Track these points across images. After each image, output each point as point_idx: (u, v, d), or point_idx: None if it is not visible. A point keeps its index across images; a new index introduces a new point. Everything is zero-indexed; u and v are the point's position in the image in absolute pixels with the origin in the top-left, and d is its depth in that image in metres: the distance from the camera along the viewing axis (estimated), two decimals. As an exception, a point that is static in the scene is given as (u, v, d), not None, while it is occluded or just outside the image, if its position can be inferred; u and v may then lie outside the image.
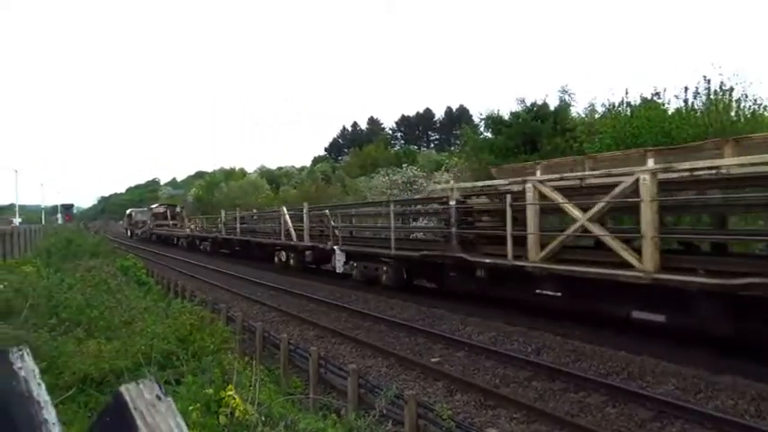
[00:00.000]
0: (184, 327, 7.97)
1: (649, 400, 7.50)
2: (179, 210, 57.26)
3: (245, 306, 16.50)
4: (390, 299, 16.10)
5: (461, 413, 7.54)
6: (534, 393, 8.25)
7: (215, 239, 36.08)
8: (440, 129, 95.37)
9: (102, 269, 15.71)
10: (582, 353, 9.89)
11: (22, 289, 11.32)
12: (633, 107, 22.58)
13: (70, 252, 23.57)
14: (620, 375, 8.67)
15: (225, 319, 12.26)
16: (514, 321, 12.33)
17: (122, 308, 10.11)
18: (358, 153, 65.05)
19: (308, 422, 5.80)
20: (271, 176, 69.75)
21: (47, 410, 0.84)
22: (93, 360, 6.73)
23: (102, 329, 8.79)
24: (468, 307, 13.95)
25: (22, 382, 0.87)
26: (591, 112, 28.60)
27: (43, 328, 8.48)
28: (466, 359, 10.18)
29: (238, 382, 6.16)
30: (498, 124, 28.96)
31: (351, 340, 11.89)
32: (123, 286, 13.05)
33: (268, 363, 10.27)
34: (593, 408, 7.57)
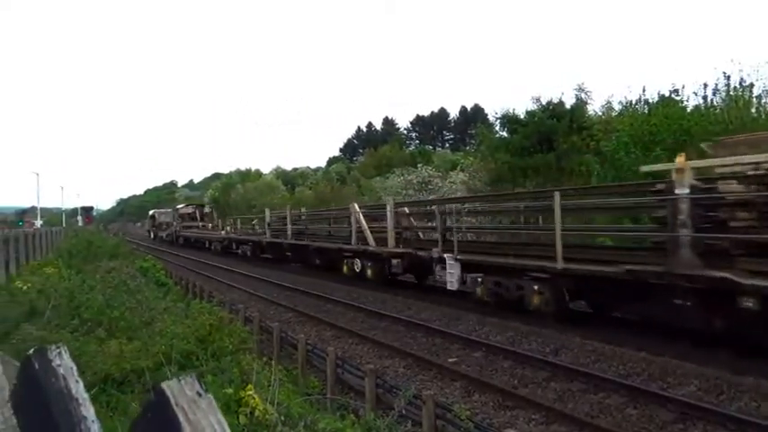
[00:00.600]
0: (204, 327, 8.04)
1: (671, 401, 7.41)
2: (208, 210, 53.30)
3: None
4: (407, 299, 16.08)
5: (479, 414, 7.51)
6: (553, 394, 8.19)
7: (257, 243, 31.48)
8: (454, 128, 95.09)
9: (122, 270, 15.92)
10: (601, 353, 9.79)
11: (45, 290, 11.53)
12: (651, 105, 22.34)
13: (90, 253, 23.91)
14: (640, 376, 8.57)
15: (243, 319, 12.34)
16: (531, 322, 12.25)
17: (142, 308, 10.24)
18: (373, 153, 65.08)
19: (326, 422, 5.82)
20: (286, 177, 70.11)
21: (85, 407, 0.86)
22: (115, 360, 6.82)
23: (122, 330, 8.90)
24: (485, 308, 13.87)
25: (61, 380, 0.89)
26: (608, 110, 28.32)
27: (65, 329, 8.62)
28: (483, 359, 10.14)
29: (257, 381, 6.21)
30: (514, 123, 28.79)
31: (368, 340, 11.90)
32: (143, 287, 13.20)
33: (285, 363, 10.32)
34: (614, 409, 7.50)
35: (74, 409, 0.85)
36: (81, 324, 8.91)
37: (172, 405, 0.68)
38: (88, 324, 8.91)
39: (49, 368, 0.91)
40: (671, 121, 18.67)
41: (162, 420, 0.69)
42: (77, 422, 0.84)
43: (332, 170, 67.46)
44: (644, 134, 18.91)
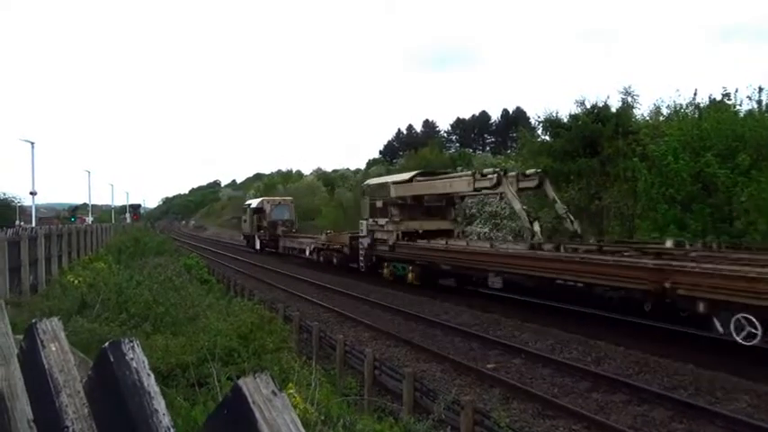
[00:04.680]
0: (245, 325, 8.20)
1: (719, 417, 7.14)
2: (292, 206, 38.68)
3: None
4: (444, 302, 16.01)
5: (519, 422, 7.41)
6: (595, 405, 8.00)
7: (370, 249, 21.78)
8: (495, 132, 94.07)
9: (168, 267, 16.36)
10: (645, 364, 9.52)
11: (95, 284, 11.98)
12: (701, 109, 21.58)
13: (138, 250, 24.69)
14: (687, 390, 8.29)
15: (282, 318, 12.52)
16: (572, 329, 12.01)
17: (187, 305, 10.51)
18: (412, 156, 64.96)
19: (365, 423, 5.86)
20: (327, 179, 70.74)
21: (157, 401, 0.89)
22: (161, 354, 7.02)
23: (168, 325, 9.17)
24: (524, 313, 13.68)
25: (134, 373, 0.93)
26: (655, 114, 27.47)
27: (114, 322, 8.93)
28: (522, 366, 10.00)
29: (297, 380, 6.29)
30: (557, 127, 28.23)
31: (405, 343, 11.89)
32: (187, 284, 13.53)
33: (323, 362, 10.41)
34: (658, 423, 7.28)
35: (146, 402, 0.89)
36: (128, 318, 9.22)
37: (249, 402, 0.71)
38: (135, 318, 9.22)
39: (123, 361, 0.95)
40: (723, 126, 17.99)
41: (238, 417, 0.71)
42: (150, 414, 0.87)
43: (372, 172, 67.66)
44: (694, 139, 18.26)
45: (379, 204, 21.57)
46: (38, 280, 14.46)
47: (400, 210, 20.74)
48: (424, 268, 18.59)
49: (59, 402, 1.09)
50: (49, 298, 11.85)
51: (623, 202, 22.95)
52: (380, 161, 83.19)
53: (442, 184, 19.72)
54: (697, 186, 16.90)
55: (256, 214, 38.17)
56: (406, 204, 20.94)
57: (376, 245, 21.32)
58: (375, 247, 21.35)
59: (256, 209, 38.50)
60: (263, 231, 36.95)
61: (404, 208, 20.88)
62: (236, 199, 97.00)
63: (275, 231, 35.58)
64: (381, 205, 21.42)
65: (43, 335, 1.23)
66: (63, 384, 1.12)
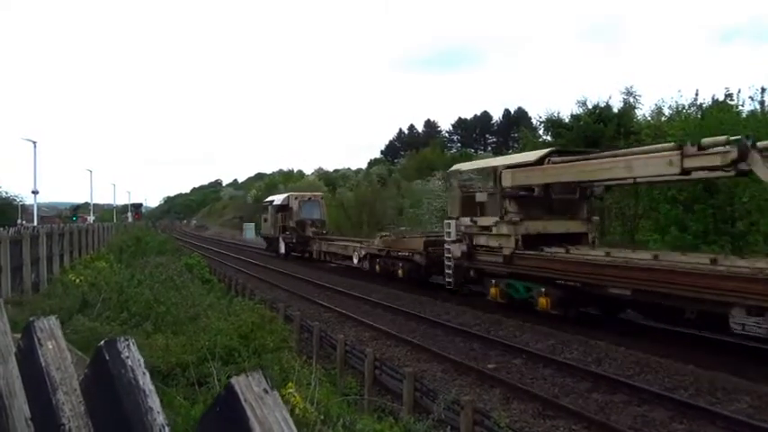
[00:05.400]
0: (246, 324, 8.21)
1: (720, 417, 7.13)
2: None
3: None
4: (445, 302, 16.01)
5: (519, 422, 7.41)
6: (595, 405, 8.00)
7: None
8: (497, 132, 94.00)
9: (169, 266, 16.38)
10: (646, 365, 9.51)
11: (96, 283, 12.00)
12: (704, 109, 21.56)
13: (139, 249, 24.73)
14: (687, 390, 8.28)
15: (283, 317, 12.53)
16: (573, 329, 12.00)
17: (187, 304, 10.52)
18: (414, 156, 65.03)
19: (364, 423, 5.86)
20: (328, 178, 70.75)
21: (151, 399, 0.90)
22: (161, 353, 7.04)
23: (168, 324, 9.19)
24: (525, 314, 13.67)
25: (129, 371, 0.94)
26: (657, 115, 27.44)
27: (115, 321, 8.96)
28: (523, 367, 10.00)
29: (297, 380, 6.30)
30: (558, 127, 28.24)
31: (406, 343, 11.90)
32: (188, 283, 13.55)
33: (324, 362, 10.42)
34: (658, 423, 7.27)
35: (141, 400, 0.90)
36: (129, 317, 9.25)
37: (241, 401, 0.71)
38: (136, 317, 9.24)
39: (119, 359, 0.96)
40: (726, 127, 17.94)
41: (231, 416, 0.72)
42: (144, 412, 0.88)
43: (373, 172, 67.70)
44: (696, 139, 18.22)
45: (482, 197, 15.52)
46: (39, 279, 14.49)
47: (520, 205, 14.32)
48: (569, 291, 12.51)
49: (56, 400, 1.10)
50: (51, 297, 11.88)
51: (625, 202, 22.93)
52: (382, 161, 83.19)
53: (611, 166, 12.19)
54: (699, 187, 16.86)
55: (280, 213, 32.38)
56: (529, 198, 14.20)
57: (477, 254, 15.26)
58: (475, 257, 15.28)
59: (281, 206, 32.42)
60: (289, 233, 31.22)
61: (525, 202, 14.35)
62: (237, 198, 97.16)
63: (304, 233, 30.12)
64: (486, 198, 15.37)
65: (40, 333, 1.24)
66: (60, 382, 1.12)
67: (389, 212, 41.64)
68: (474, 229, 15.41)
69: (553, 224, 14.69)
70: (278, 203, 33.11)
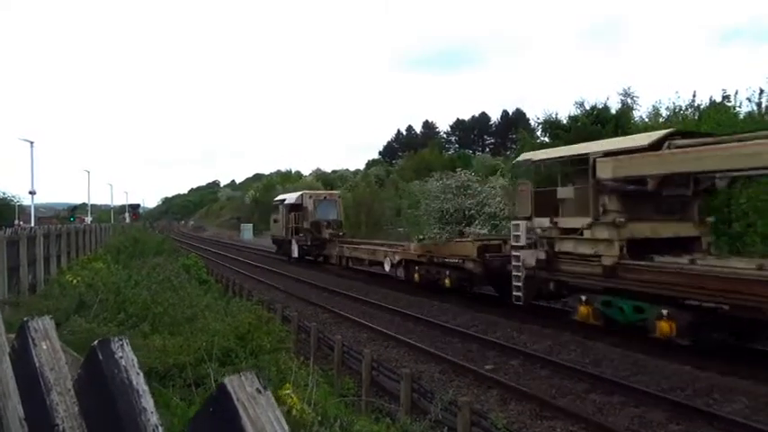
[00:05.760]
0: (243, 325, 8.19)
1: (717, 418, 7.15)
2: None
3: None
4: (443, 303, 16.01)
5: (516, 423, 7.42)
6: (592, 406, 8.01)
7: None
8: (495, 133, 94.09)
9: (166, 267, 16.35)
10: (643, 366, 9.52)
11: (94, 284, 11.97)
12: (701, 111, 21.61)
13: (137, 250, 24.66)
14: (684, 391, 8.29)
15: (281, 318, 12.51)
16: (570, 330, 12.00)
17: (185, 305, 10.49)
18: (412, 157, 65.06)
19: (362, 424, 5.85)
20: (326, 179, 70.73)
21: (145, 399, 0.90)
22: (158, 354, 7.02)
23: (166, 325, 9.16)
24: (523, 314, 13.69)
25: (123, 371, 0.93)
26: (655, 116, 27.51)
27: (112, 322, 8.93)
28: (521, 368, 10.01)
29: (294, 381, 6.29)
30: (556, 128, 28.30)
31: (403, 344, 11.89)
32: (185, 284, 13.52)
33: (321, 363, 10.40)
34: (655, 424, 7.28)
35: (135, 401, 0.89)
36: (127, 318, 9.22)
37: (233, 400, 0.71)
38: (133, 318, 9.21)
39: (112, 359, 0.96)
40: (723, 128, 18.00)
41: (223, 415, 0.72)
42: (138, 413, 0.88)
43: (371, 173, 67.71)
44: (693, 141, 18.25)
45: (566, 193, 12.55)
46: (36, 279, 14.46)
47: (623, 202, 11.33)
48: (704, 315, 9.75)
49: (50, 401, 1.10)
50: (48, 297, 11.85)
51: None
52: (380, 162, 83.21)
53: None
54: (696, 188, 16.86)
55: (293, 213, 29.75)
56: (636, 193, 11.22)
57: (560, 263, 12.34)
58: (557, 267, 12.38)
59: (293, 206, 29.93)
60: (303, 235, 28.64)
61: (630, 199, 11.38)
62: (235, 199, 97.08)
63: (320, 234, 27.78)
64: (572, 194, 12.39)
65: (34, 333, 1.23)
66: (54, 383, 1.12)
67: (388, 213, 41.65)
68: (554, 233, 12.53)
69: (663, 227, 11.82)
70: (290, 203, 30.52)
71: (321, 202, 29.56)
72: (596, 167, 11.50)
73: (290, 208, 30.45)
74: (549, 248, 12.59)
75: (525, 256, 12.92)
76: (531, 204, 13.20)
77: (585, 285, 11.67)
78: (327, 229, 27.96)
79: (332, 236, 27.47)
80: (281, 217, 31.67)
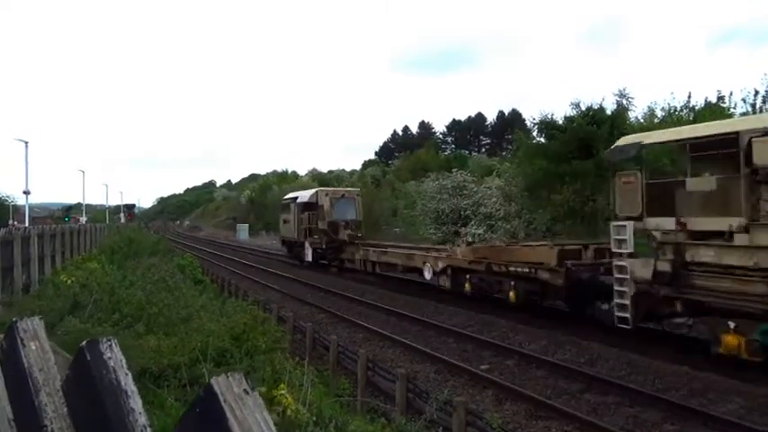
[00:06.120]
0: (238, 325, 8.18)
1: (711, 418, 7.16)
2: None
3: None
4: (439, 303, 16.02)
5: (511, 423, 7.42)
6: (587, 406, 8.02)
7: None
8: (491, 133, 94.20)
9: (161, 267, 16.30)
10: (638, 366, 9.54)
11: (88, 284, 11.92)
12: (696, 111, 21.71)
13: (132, 250, 24.59)
14: (679, 391, 8.31)
15: (276, 318, 12.48)
16: (566, 330, 12.02)
17: (180, 305, 10.46)
18: (408, 157, 65.11)
19: (357, 424, 5.84)
20: (322, 179, 70.66)
21: (133, 400, 0.89)
22: (153, 355, 7.00)
23: (160, 325, 9.13)
24: (519, 314, 13.70)
25: (111, 372, 0.93)
26: (650, 117, 27.63)
27: (106, 323, 8.90)
28: (516, 368, 10.01)
29: (289, 381, 6.28)
30: (552, 129, 28.36)
31: (399, 344, 11.89)
32: (180, 284, 13.49)
33: (317, 363, 10.38)
34: (650, 424, 7.30)
35: (123, 401, 0.89)
36: (121, 318, 9.19)
37: (220, 401, 0.70)
38: (128, 319, 9.18)
39: (100, 360, 0.95)
40: (717, 129, 18.07)
41: (210, 416, 0.71)
42: (126, 413, 0.87)
43: (367, 173, 67.71)
44: (688, 142, 18.32)
45: (703, 185, 9.73)
46: (30, 280, 14.41)
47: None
48: None
49: (39, 401, 1.09)
50: (42, 298, 11.80)
51: (618, 204, 22.98)
52: (376, 162, 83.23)
53: None
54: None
55: (307, 212, 26.97)
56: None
57: (692, 277, 9.58)
58: (688, 282, 9.61)
59: (307, 204, 27.12)
60: (318, 237, 25.95)
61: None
62: (230, 199, 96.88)
63: (337, 236, 25.21)
64: (713, 186, 9.54)
65: (23, 334, 1.22)
66: (42, 383, 1.11)
67: (385, 213, 41.70)
68: (682, 237, 9.69)
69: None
70: (304, 201, 27.62)
71: (338, 201, 26.74)
72: (752, 150, 8.67)
73: (302, 207, 27.55)
74: (675, 258, 9.70)
75: (635, 267, 10.22)
76: (642, 200, 10.48)
77: (736, 308, 8.90)
78: (345, 229, 25.34)
79: (351, 237, 24.92)
80: (292, 217, 28.84)
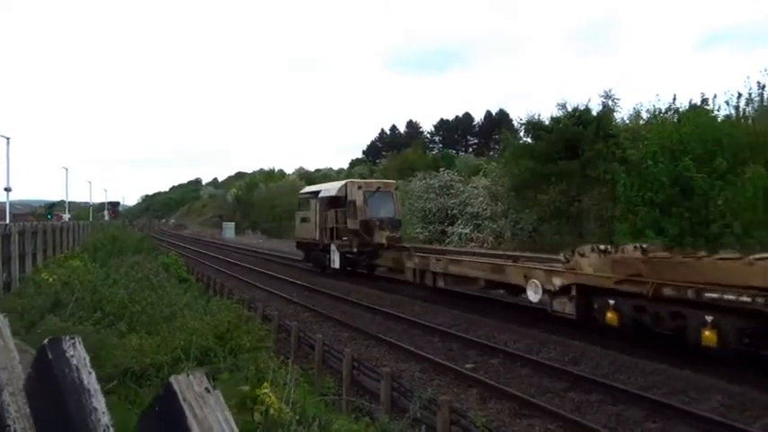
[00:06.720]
0: (222, 324, 8.12)
1: (692, 416, 7.23)
2: None
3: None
4: (425, 302, 16.03)
5: (495, 421, 7.44)
6: (571, 404, 8.06)
7: None
8: (479, 133, 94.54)
9: (145, 265, 16.14)
10: (621, 364, 9.62)
11: (70, 283, 11.76)
12: (680, 113, 21.95)
13: (115, 248, 24.33)
14: (661, 389, 8.39)
15: (261, 317, 12.42)
16: (551, 329, 12.09)
17: (163, 304, 10.36)
18: (396, 156, 65.13)
19: (341, 423, 5.82)
20: (309, 178, 70.50)
21: (96, 399, 0.86)
22: (135, 354, 6.93)
23: (143, 324, 9.03)
24: (504, 313, 13.76)
25: (74, 370, 0.90)
26: (635, 118, 27.90)
27: (88, 321, 8.78)
28: (501, 366, 10.05)
29: (273, 380, 6.24)
30: (538, 129, 28.54)
31: (384, 343, 11.88)
32: (165, 282, 13.37)
33: (302, 362, 10.34)
34: (632, 422, 7.35)
35: (85, 400, 0.86)
36: (103, 317, 9.07)
37: (179, 399, 0.68)
38: (110, 317, 9.07)
39: (63, 358, 0.92)
40: (702, 131, 18.31)
41: (169, 414, 0.69)
42: (88, 413, 0.84)
43: (354, 172, 67.64)
44: (673, 143, 18.57)
45: None
46: (11, 278, 14.18)
47: None
48: None
49: (1, 401, 1.05)
50: (22, 296, 11.63)
51: (602, 204, 23.24)
52: (363, 161, 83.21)
53: None
54: (675, 190, 17.17)
55: (332, 209, 22.29)
56: None
57: None
58: None
59: (333, 199, 22.56)
60: (348, 239, 21.33)
61: None
62: (217, 197, 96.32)
63: (371, 238, 20.87)
64: None
65: (-13, 331, 1.19)
66: (6, 382, 1.08)
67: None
68: None
69: None
70: (329, 195, 23.01)
71: (373, 195, 22.04)
72: None
73: (327, 203, 22.78)
74: None
75: None
76: None
77: None
78: (382, 230, 20.80)
79: (390, 240, 20.46)
80: (312, 215, 24.02)
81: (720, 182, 16.50)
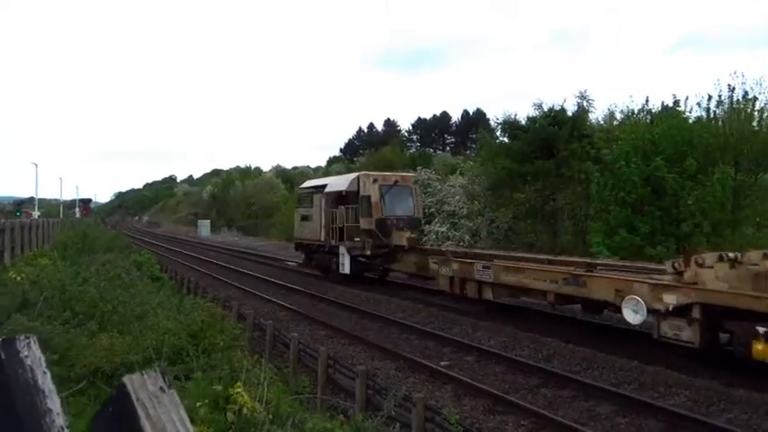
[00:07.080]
0: (196, 323, 8.02)
1: (661, 411, 7.40)
2: None
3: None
4: (403, 301, 16.05)
5: (469, 418, 7.50)
6: (543, 400, 8.17)
7: None
8: (456, 132, 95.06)
9: (117, 264, 15.85)
10: (593, 361, 9.78)
11: (38, 281, 11.47)
12: (653, 115, 22.34)
13: (86, 246, 23.81)
14: (631, 385, 8.56)
15: (236, 316, 12.30)
16: (525, 327, 12.22)
17: (135, 302, 10.19)
18: (373, 154, 65.07)
19: (315, 422, 5.80)
20: (286, 176, 70.08)
21: (51, 399, 0.84)
22: (105, 353, 6.80)
23: (114, 323, 8.87)
24: (479, 311, 13.86)
25: (28, 371, 0.87)
26: (609, 119, 28.34)
27: (57, 321, 8.58)
28: (476, 364, 10.13)
29: (247, 379, 6.18)
30: (515, 129, 28.77)
31: (361, 341, 11.87)
32: (137, 281, 13.14)
33: (277, 361, 10.28)
34: (603, 417, 7.49)
35: (39, 402, 0.84)
36: (73, 316, 8.87)
37: (132, 399, 0.67)
38: (80, 317, 8.87)
39: (16, 358, 0.89)
40: (673, 132, 18.67)
41: (122, 415, 0.67)
42: (42, 414, 0.82)
43: (332, 170, 67.39)
44: (645, 143, 18.89)
45: None
46: (-23, 276, 13.77)
47: None
48: None
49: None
50: (-12, 295, 11.29)
51: (577, 203, 23.56)
52: (341, 159, 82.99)
53: None
54: (647, 189, 17.48)
55: (342, 206, 19.56)
56: None
57: None
58: None
59: (342, 195, 19.77)
60: (361, 240, 18.71)
61: None
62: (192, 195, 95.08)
63: (388, 239, 18.53)
64: None
65: (-59, 331, 1.14)
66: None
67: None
68: None
69: None
70: (337, 190, 20.08)
71: (390, 190, 19.35)
72: None
73: (335, 199, 19.94)
74: None
75: None
76: None
77: None
78: (400, 231, 18.52)
79: (410, 242, 18.17)
80: (316, 212, 21.24)
81: (691, 182, 16.86)
